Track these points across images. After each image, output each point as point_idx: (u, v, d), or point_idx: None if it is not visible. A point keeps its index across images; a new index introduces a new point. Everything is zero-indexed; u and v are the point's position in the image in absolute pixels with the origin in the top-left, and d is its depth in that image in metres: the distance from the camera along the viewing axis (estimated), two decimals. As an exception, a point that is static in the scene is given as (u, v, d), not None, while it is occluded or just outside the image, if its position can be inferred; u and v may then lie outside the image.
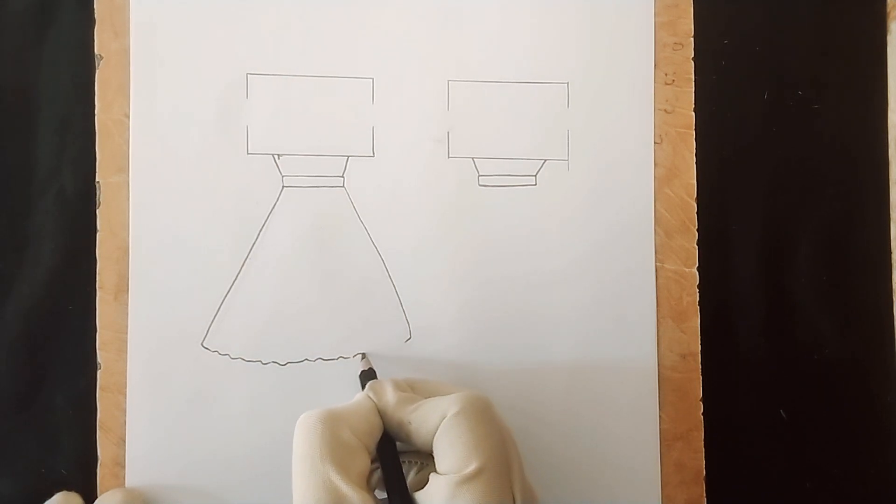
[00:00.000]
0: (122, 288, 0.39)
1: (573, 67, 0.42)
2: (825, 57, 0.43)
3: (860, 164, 0.43)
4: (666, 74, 0.42)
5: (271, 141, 0.40)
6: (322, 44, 0.41)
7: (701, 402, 0.41)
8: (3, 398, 0.39)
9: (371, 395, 0.35)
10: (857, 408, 0.43)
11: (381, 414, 0.34)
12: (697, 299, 0.41)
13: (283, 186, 0.40)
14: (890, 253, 0.43)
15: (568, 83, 0.42)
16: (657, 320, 0.41)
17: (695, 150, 0.42)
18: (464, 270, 0.41)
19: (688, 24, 0.42)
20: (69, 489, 0.39)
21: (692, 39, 0.42)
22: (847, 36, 0.43)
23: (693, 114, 0.42)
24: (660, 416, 0.41)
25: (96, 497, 0.39)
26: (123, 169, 0.40)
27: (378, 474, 0.33)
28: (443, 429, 0.32)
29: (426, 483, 0.32)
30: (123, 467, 0.39)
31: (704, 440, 0.41)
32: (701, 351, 0.41)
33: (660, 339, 0.41)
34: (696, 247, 0.42)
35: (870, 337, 0.43)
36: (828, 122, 0.43)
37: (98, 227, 0.39)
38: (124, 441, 0.39)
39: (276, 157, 0.40)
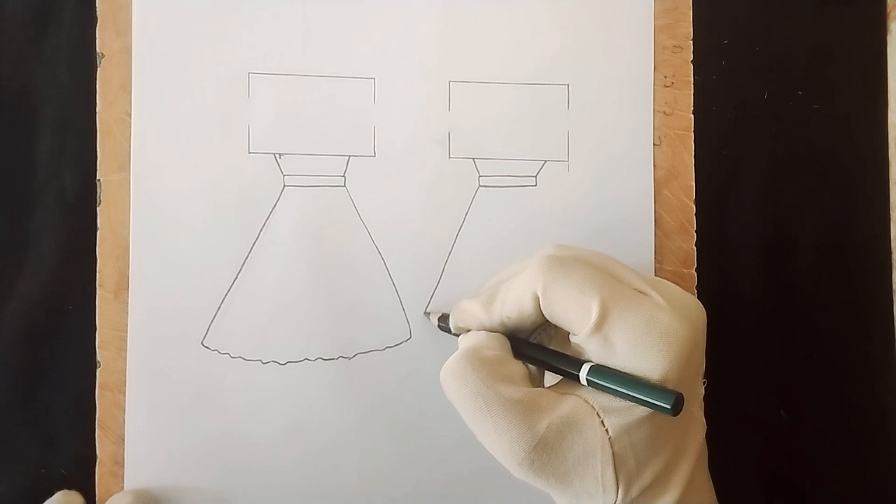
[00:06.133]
0: (122, 286, 0.39)
1: (573, 69, 0.42)
2: (825, 57, 0.43)
3: (860, 164, 0.43)
4: (665, 77, 0.42)
5: (272, 140, 0.40)
6: (324, 44, 0.41)
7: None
8: (3, 397, 0.39)
9: (463, 323, 0.35)
10: (857, 408, 0.43)
11: (486, 327, 0.34)
12: (696, 300, 0.42)
13: (283, 186, 0.40)
14: (890, 253, 0.43)
15: (568, 85, 0.42)
16: (657, 320, 0.41)
17: (693, 152, 0.42)
18: (464, 271, 0.41)
19: (687, 28, 0.42)
20: (69, 488, 0.39)
21: (691, 42, 0.42)
22: (847, 36, 0.43)
23: (692, 116, 0.42)
24: (660, 417, 0.41)
25: (95, 496, 0.39)
26: (124, 167, 0.39)
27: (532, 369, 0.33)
28: (542, 299, 0.31)
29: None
30: (122, 466, 0.39)
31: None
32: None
33: (660, 340, 0.41)
34: (695, 248, 0.42)
35: (870, 337, 0.43)
36: (828, 122, 0.43)
37: (98, 225, 0.39)
38: (123, 440, 0.39)
39: (277, 156, 0.40)
